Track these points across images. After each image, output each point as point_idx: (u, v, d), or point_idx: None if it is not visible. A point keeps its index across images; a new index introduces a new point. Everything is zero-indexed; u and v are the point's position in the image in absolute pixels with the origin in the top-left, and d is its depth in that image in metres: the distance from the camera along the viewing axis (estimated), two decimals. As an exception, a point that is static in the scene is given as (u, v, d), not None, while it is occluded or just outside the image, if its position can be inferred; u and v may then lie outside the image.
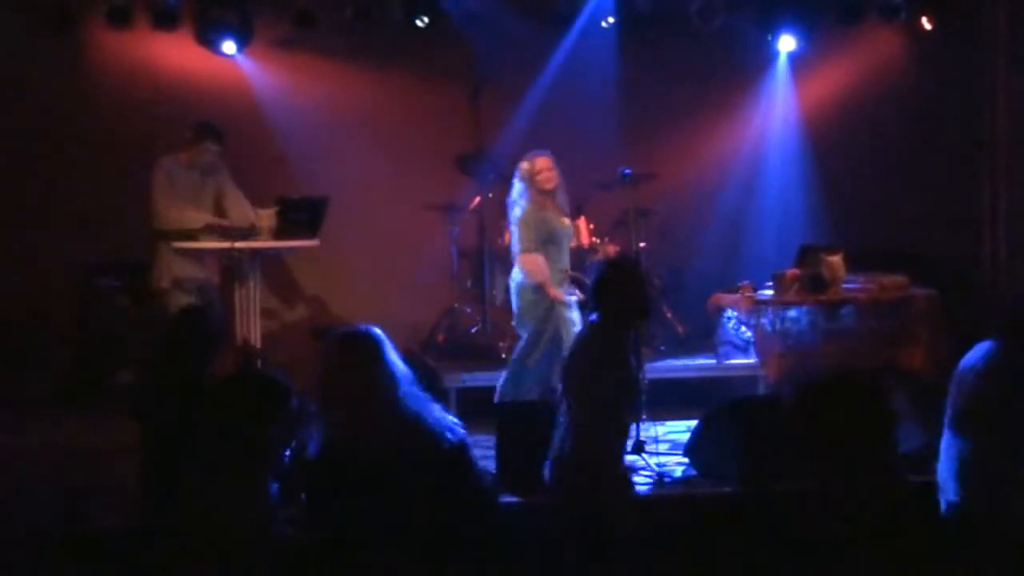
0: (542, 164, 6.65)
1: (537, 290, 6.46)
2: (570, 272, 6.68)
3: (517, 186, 6.68)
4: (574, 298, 6.54)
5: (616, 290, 4.66)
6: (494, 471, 5.58)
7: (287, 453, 3.51)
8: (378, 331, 3.79)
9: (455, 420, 3.84)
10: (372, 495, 3.48)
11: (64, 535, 4.88)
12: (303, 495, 3.73)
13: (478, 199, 8.38)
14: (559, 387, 4.79)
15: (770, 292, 7.16)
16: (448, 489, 3.60)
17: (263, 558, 3.32)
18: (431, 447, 3.61)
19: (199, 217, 6.97)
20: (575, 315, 6.50)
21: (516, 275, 6.61)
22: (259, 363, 6.20)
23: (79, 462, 6.12)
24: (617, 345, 4.60)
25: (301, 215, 6.96)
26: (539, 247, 6.48)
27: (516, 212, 6.62)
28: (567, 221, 6.73)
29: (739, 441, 5.64)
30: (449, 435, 3.69)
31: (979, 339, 4.56)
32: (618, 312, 4.64)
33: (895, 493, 3.39)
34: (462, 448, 3.70)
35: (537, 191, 6.59)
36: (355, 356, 3.67)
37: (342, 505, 3.48)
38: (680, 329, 8.37)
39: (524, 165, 6.68)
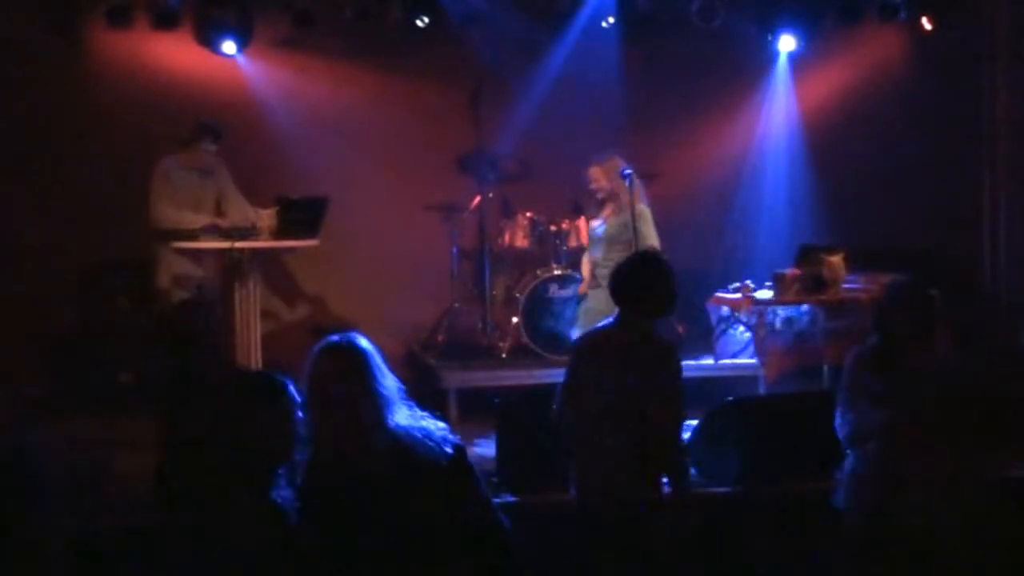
0: (589, 172, 7.23)
1: None
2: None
3: None
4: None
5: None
6: (494, 470, 5.60)
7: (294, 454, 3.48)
8: (365, 341, 3.71)
9: (444, 426, 3.75)
10: (365, 507, 3.42)
11: (64, 535, 4.88)
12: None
13: (478, 199, 8.38)
14: None
15: (770, 292, 7.16)
16: (449, 498, 3.53)
17: (268, 561, 3.29)
18: (428, 458, 3.54)
19: (196, 218, 6.98)
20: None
21: None
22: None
23: (79, 462, 6.11)
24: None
25: (301, 215, 6.95)
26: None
27: None
28: (585, 223, 7.47)
29: (739, 441, 5.64)
30: (446, 446, 3.61)
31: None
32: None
33: None
34: (460, 456, 3.63)
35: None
36: (343, 367, 3.59)
37: (333, 517, 3.42)
38: (680, 329, 8.37)
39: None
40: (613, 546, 4.30)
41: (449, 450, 3.56)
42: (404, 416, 3.59)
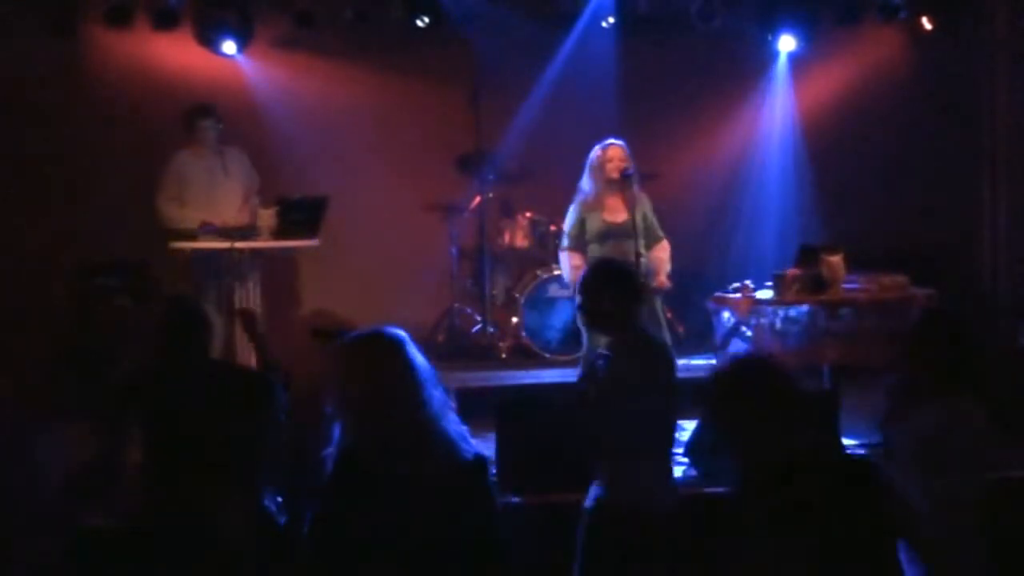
0: (613, 153, 6.57)
1: None
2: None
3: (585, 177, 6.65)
4: None
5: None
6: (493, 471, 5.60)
7: (282, 459, 3.43)
8: (400, 332, 3.67)
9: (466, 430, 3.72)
10: (388, 504, 3.37)
11: (64, 536, 4.88)
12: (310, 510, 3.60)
13: (478, 199, 8.39)
14: None
15: (770, 292, 7.16)
16: (464, 502, 3.48)
17: (254, 560, 3.27)
18: (451, 458, 3.50)
19: (194, 217, 6.98)
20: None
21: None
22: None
23: (78, 463, 6.10)
24: None
25: (301, 215, 6.97)
26: (576, 245, 6.47)
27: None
28: (624, 216, 6.54)
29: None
30: (468, 455, 3.55)
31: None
32: None
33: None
34: (481, 463, 3.58)
35: (604, 181, 6.52)
36: (376, 360, 3.53)
37: (355, 513, 3.37)
38: (680, 329, 8.37)
39: (597, 151, 6.60)
40: (644, 546, 4.26)
41: (470, 459, 3.51)
42: (439, 407, 3.53)
